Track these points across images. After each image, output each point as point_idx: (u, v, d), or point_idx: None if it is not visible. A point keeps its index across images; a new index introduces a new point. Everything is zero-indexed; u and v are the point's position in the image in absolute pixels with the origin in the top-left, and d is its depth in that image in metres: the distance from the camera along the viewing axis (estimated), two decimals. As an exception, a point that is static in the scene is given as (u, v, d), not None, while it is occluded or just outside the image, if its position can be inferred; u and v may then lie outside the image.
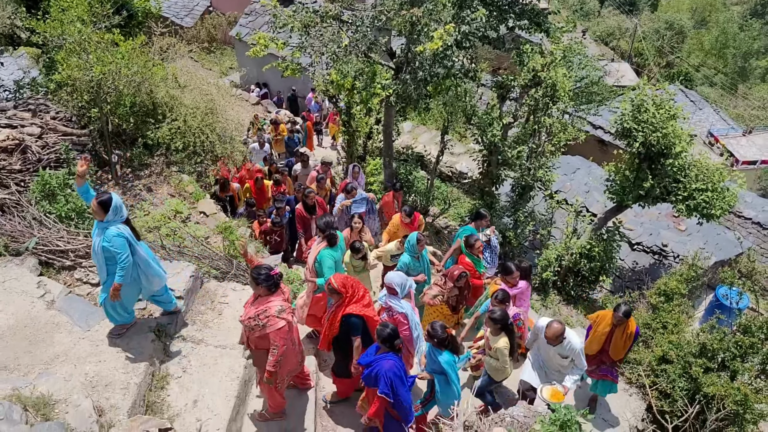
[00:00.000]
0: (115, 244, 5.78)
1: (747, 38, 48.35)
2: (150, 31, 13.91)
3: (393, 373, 5.56)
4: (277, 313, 5.59)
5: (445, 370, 6.16)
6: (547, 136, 12.34)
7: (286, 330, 5.66)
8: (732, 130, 30.40)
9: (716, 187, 10.50)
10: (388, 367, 5.58)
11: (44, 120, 10.19)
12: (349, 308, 6.28)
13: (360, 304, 6.35)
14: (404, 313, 6.75)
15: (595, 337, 7.52)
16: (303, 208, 10.23)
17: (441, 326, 6.15)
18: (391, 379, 5.55)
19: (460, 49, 10.90)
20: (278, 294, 5.78)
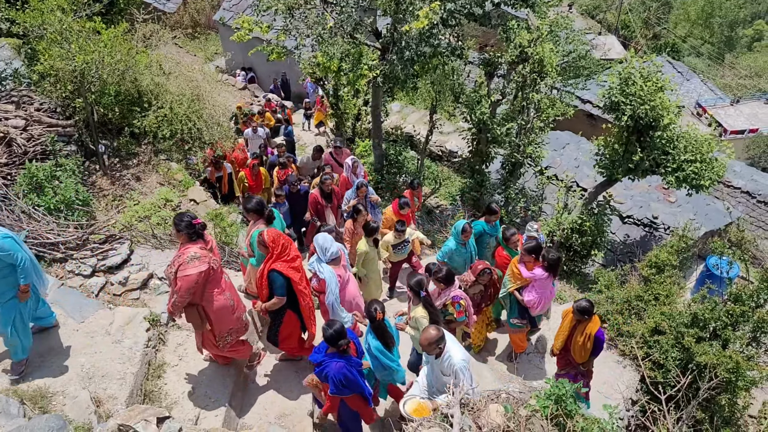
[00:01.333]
0: (5, 246, 5.48)
1: (733, 7, 48.23)
2: (132, 18, 13.72)
3: (342, 375, 5.47)
4: (189, 260, 5.51)
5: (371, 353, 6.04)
6: (535, 112, 12.33)
7: (194, 279, 5.53)
8: (720, 100, 30.46)
9: (705, 158, 10.53)
10: (336, 370, 5.48)
11: (28, 112, 10.07)
12: (274, 264, 6.14)
13: (287, 264, 6.19)
14: (324, 279, 6.62)
15: (560, 332, 7.19)
16: (319, 195, 9.88)
17: (374, 308, 5.91)
18: (340, 380, 5.48)
19: (446, 27, 10.82)
20: (198, 243, 5.70)
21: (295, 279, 6.22)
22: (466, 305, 7.10)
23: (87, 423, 5.39)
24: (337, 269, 6.87)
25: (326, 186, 9.82)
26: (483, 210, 9.34)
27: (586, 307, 6.74)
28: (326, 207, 9.92)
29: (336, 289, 6.68)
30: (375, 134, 13.04)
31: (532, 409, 4.78)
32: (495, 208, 9.03)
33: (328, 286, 6.62)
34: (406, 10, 9.89)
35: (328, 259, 6.79)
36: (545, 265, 7.42)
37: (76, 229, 8.08)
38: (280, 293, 6.16)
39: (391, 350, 6.03)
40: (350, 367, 5.56)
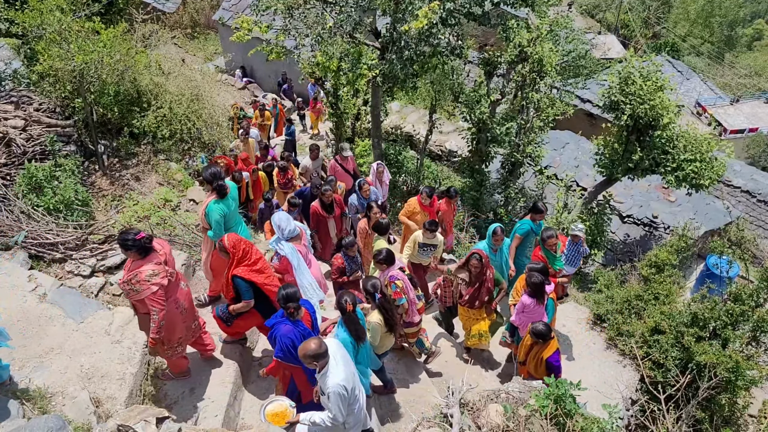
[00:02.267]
0: None
1: (733, 6, 48.24)
2: (131, 18, 13.72)
3: (288, 339, 5.45)
4: (148, 278, 5.42)
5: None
6: (535, 111, 12.32)
7: (162, 294, 5.48)
8: (719, 100, 30.48)
9: (704, 157, 10.54)
10: (284, 332, 5.49)
11: (28, 112, 10.06)
12: (235, 270, 6.06)
13: (249, 268, 6.09)
14: (285, 257, 6.56)
15: (523, 344, 7.04)
16: (320, 206, 9.41)
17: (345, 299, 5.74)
18: (285, 344, 5.46)
19: (446, 26, 10.81)
20: (152, 257, 5.58)
21: (259, 281, 6.14)
22: (403, 287, 6.91)
23: (86, 423, 5.38)
24: (297, 246, 6.80)
25: (326, 197, 9.36)
26: (529, 208, 9.12)
27: (541, 331, 6.52)
28: (328, 218, 9.53)
29: (301, 264, 6.64)
30: (374, 134, 13.03)
31: (531, 409, 4.78)
32: (540, 206, 8.76)
33: (290, 262, 6.58)
34: (405, 9, 9.89)
35: (288, 236, 6.74)
36: (528, 291, 7.08)
37: (76, 230, 8.08)
38: (247, 297, 6.13)
39: (360, 344, 5.88)
40: (298, 333, 5.54)
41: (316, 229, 9.52)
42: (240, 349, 6.94)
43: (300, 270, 6.71)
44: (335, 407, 4.73)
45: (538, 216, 8.71)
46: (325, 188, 9.44)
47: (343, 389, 4.72)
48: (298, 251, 6.82)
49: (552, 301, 7.29)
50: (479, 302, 7.61)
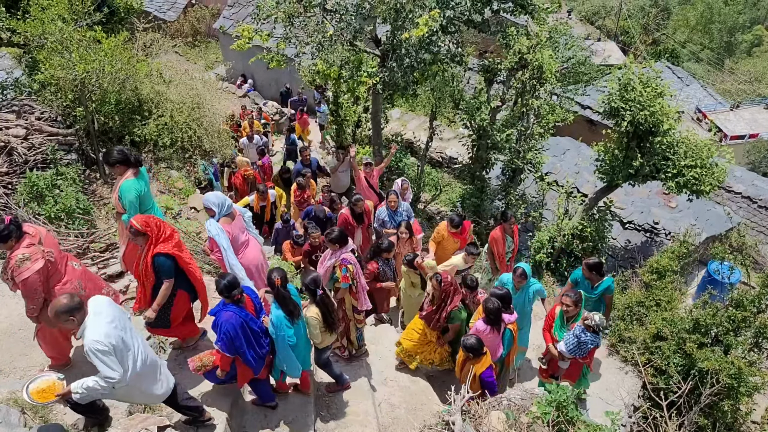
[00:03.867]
0: None
1: (732, 12, 48.41)
2: (132, 26, 13.77)
3: (231, 326, 5.40)
4: (19, 264, 5.24)
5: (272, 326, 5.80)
6: (535, 118, 12.35)
7: (34, 280, 5.27)
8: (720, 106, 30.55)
9: (705, 163, 10.54)
10: (226, 320, 5.42)
11: (29, 121, 10.09)
12: (157, 248, 5.73)
13: (167, 243, 5.79)
14: (211, 236, 6.42)
15: (458, 359, 6.82)
16: (350, 215, 9.32)
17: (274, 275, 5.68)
18: (228, 331, 5.40)
19: (446, 34, 10.85)
20: (23, 241, 5.35)
21: (180, 255, 5.88)
22: (354, 272, 6.79)
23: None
24: (227, 226, 6.61)
25: (358, 207, 9.29)
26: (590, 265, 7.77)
27: (471, 345, 6.21)
28: (356, 227, 9.43)
29: (227, 243, 6.45)
30: (375, 141, 13.06)
31: (533, 416, 4.77)
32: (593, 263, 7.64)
33: (216, 242, 6.42)
34: (405, 17, 9.93)
35: (219, 216, 6.56)
36: (483, 317, 6.67)
37: (77, 238, 8.10)
38: (168, 276, 5.81)
39: (294, 320, 5.83)
40: (241, 319, 5.51)
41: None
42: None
43: (229, 253, 6.48)
44: (101, 365, 4.43)
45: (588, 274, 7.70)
46: (356, 197, 9.35)
47: (100, 344, 4.40)
48: (228, 232, 6.56)
49: (510, 332, 6.84)
50: (434, 324, 7.25)
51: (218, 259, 6.60)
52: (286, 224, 10.40)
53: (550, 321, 7.17)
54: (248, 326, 5.60)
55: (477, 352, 6.21)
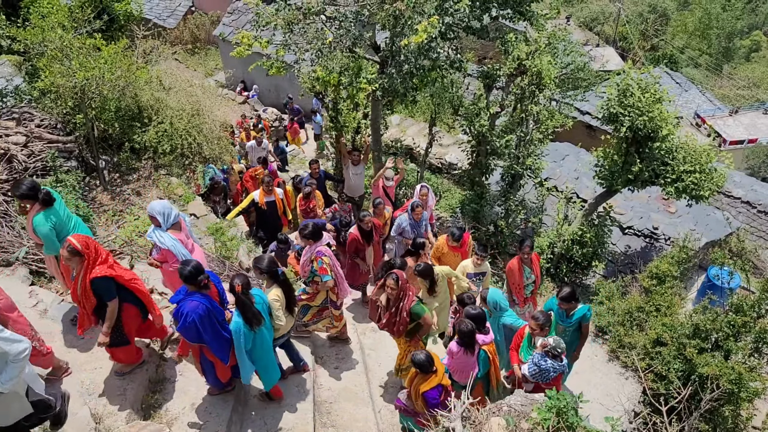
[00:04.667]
0: None
1: (730, 18, 48.57)
2: (132, 34, 13.82)
3: (197, 315, 5.39)
4: None
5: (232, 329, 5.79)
6: (534, 123, 12.36)
7: None
8: (718, 111, 30.61)
9: (704, 169, 10.56)
10: (192, 309, 5.40)
11: (29, 128, 10.10)
12: (94, 271, 5.60)
13: (105, 265, 5.68)
14: (166, 248, 6.34)
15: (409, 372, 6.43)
16: (359, 233, 8.64)
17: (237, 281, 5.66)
18: (194, 319, 5.39)
19: (445, 40, 10.87)
20: None
21: (118, 275, 5.77)
22: (330, 263, 6.86)
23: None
24: (177, 235, 6.54)
25: (365, 224, 8.60)
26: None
27: (419, 362, 5.89)
28: (367, 247, 8.77)
29: (185, 252, 6.42)
30: (374, 147, 13.07)
31: (533, 422, 4.76)
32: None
33: (173, 252, 6.34)
34: (404, 24, 9.95)
35: (167, 226, 6.47)
36: (458, 340, 6.40)
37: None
38: (111, 297, 5.71)
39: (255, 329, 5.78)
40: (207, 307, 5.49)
41: (356, 255, 8.88)
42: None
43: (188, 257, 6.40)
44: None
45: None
46: (363, 214, 8.72)
47: None
48: (180, 240, 6.51)
49: (485, 352, 6.51)
50: (397, 330, 6.85)
51: (172, 273, 6.39)
52: (283, 245, 9.56)
53: (518, 341, 6.92)
54: (214, 316, 5.59)
55: (424, 368, 5.90)
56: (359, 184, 11.94)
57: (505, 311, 7.30)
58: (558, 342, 6.19)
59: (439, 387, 5.97)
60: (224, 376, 6.18)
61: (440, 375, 6.00)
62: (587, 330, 7.25)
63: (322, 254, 6.87)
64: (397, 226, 9.46)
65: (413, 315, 6.72)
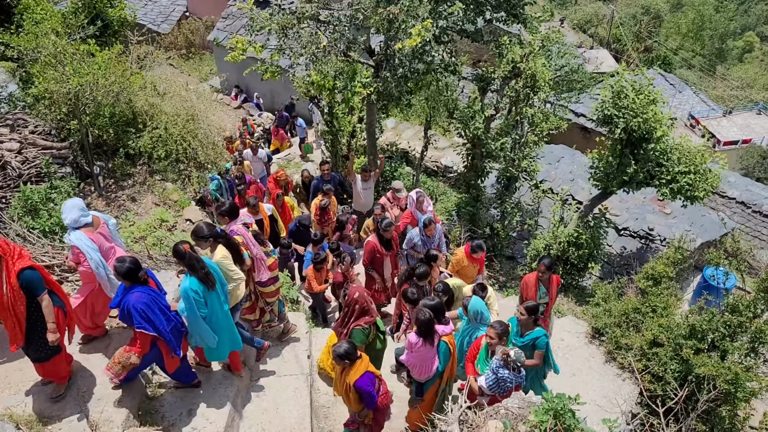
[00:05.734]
0: None
1: (723, 19, 48.83)
2: (126, 39, 13.80)
3: (142, 303, 5.36)
4: None
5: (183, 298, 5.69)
6: (529, 126, 12.38)
7: None
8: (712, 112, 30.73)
9: (699, 170, 10.58)
10: (135, 299, 5.35)
11: (23, 135, 10.09)
12: (18, 264, 5.23)
13: (27, 258, 5.36)
14: (75, 246, 6.04)
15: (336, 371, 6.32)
16: (378, 242, 8.53)
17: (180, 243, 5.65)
18: (142, 309, 5.36)
19: (439, 43, 10.90)
20: None
21: (39, 266, 5.51)
22: (244, 242, 6.70)
23: (83, 447, 5.34)
24: (91, 234, 6.20)
25: (387, 233, 8.47)
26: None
27: (344, 352, 5.69)
28: (385, 255, 8.65)
29: (96, 254, 6.09)
30: (370, 151, 13.08)
31: (530, 425, 4.76)
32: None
33: (83, 252, 6.03)
34: (398, 28, 9.97)
35: (78, 225, 6.16)
36: (416, 330, 6.20)
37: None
38: (42, 290, 5.37)
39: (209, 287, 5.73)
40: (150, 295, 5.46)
41: (371, 267, 8.74)
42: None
43: (96, 261, 6.10)
44: None
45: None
46: (386, 222, 8.53)
47: None
48: (92, 240, 6.19)
49: (445, 344, 6.34)
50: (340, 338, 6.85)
51: (85, 273, 6.21)
52: (285, 250, 9.39)
53: (474, 352, 6.60)
54: (158, 302, 5.56)
55: (347, 357, 5.69)
56: (369, 200, 11.50)
57: (484, 324, 6.92)
58: (519, 355, 5.92)
59: (370, 374, 5.79)
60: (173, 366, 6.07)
61: (366, 362, 5.82)
62: (539, 358, 6.85)
63: (235, 233, 6.66)
64: (408, 240, 9.10)
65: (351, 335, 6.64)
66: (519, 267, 13.15)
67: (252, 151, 13.84)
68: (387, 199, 10.57)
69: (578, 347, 8.96)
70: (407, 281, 7.88)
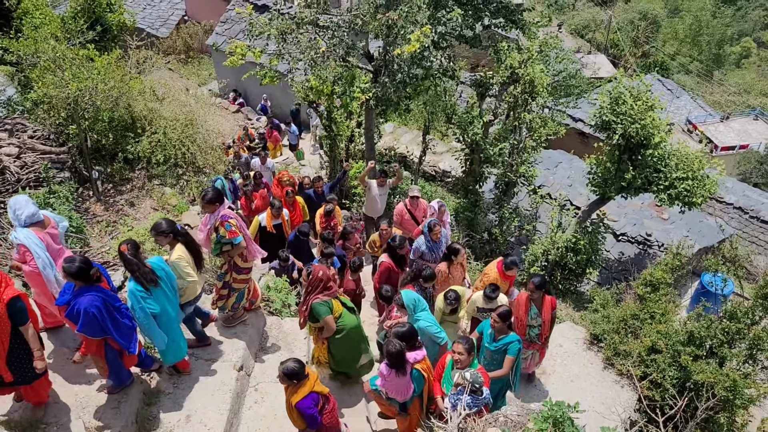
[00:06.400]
0: None
1: (720, 25, 49.06)
2: (125, 44, 13.81)
3: (95, 308, 5.29)
4: None
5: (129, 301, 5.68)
6: (527, 131, 12.41)
7: None
8: (710, 117, 30.84)
9: (696, 175, 10.62)
10: (88, 304, 5.27)
11: (22, 139, 10.08)
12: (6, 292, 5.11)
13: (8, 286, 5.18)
14: (22, 245, 5.86)
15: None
16: (392, 260, 8.33)
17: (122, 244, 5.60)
18: (93, 314, 5.28)
19: (438, 49, 10.93)
20: None
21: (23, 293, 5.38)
22: (237, 225, 6.57)
23: (81, 454, 5.33)
24: (39, 233, 6.02)
25: (403, 250, 8.33)
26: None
27: (290, 371, 5.48)
28: (401, 273, 8.43)
29: (43, 252, 5.91)
30: (368, 156, 13.09)
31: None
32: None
33: (30, 250, 5.85)
34: (397, 33, 9.99)
35: (25, 223, 5.98)
36: (387, 362, 5.98)
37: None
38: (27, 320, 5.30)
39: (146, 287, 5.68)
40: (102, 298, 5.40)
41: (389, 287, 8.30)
42: (236, 375, 6.89)
43: (44, 260, 5.93)
44: None
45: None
46: (400, 238, 8.34)
47: None
48: (40, 238, 6.00)
49: (418, 371, 6.13)
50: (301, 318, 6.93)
51: (30, 273, 5.99)
52: (284, 263, 9.16)
53: (440, 371, 6.38)
54: (111, 305, 5.51)
55: (296, 376, 5.50)
56: (381, 206, 11.19)
57: (419, 313, 6.93)
58: (475, 377, 5.60)
59: (314, 395, 5.63)
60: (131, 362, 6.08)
61: (312, 381, 5.65)
62: (509, 363, 6.66)
63: (227, 217, 6.53)
64: (415, 250, 8.77)
65: (312, 312, 6.55)
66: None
67: (261, 160, 13.72)
68: (405, 205, 10.16)
69: (576, 353, 8.96)
70: (412, 282, 7.81)
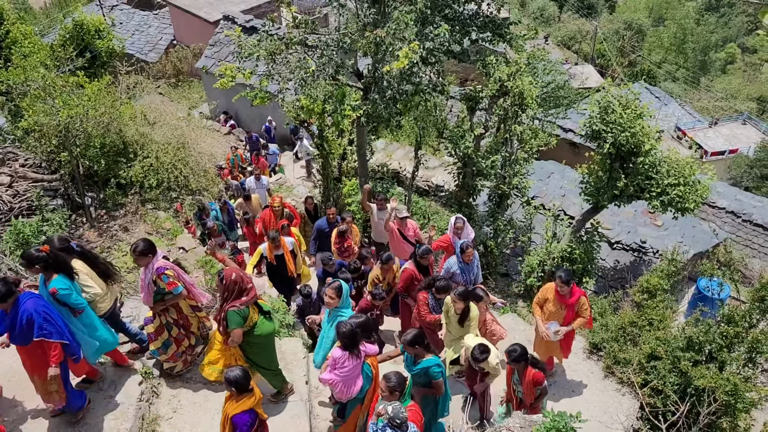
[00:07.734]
0: None
1: (704, 32, 49.66)
2: (115, 70, 13.85)
3: (43, 306, 5.34)
4: None
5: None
6: (518, 143, 12.46)
7: None
8: (698, 123, 31.13)
9: (688, 181, 10.67)
10: (34, 304, 5.27)
11: (13, 168, 10.07)
12: None
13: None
14: None
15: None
16: (416, 269, 8.31)
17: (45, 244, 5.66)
18: (44, 312, 5.32)
19: (426, 65, 10.99)
20: None
21: None
22: (174, 275, 6.35)
23: (81, 483, 5.27)
24: None
25: (425, 260, 8.31)
26: None
27: (235, 379, 5.29)
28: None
29: None
30: (361, 173, 13.11)
31: (533, 445, 4.74)
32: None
33: None
34: (386, 51, 10.05)
35: None
36: (339, 344, 5.89)
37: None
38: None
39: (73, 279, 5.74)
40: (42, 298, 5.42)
41: (406, 294, 8.42)
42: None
43: None
44: None
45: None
46: (424, 249, 8.35)
47: None
48: None
49: (368, 365, 6.04)
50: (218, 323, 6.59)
51: None
52: (307, 299, 8.55)
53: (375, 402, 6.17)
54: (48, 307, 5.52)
55: (240, 387, 5.30)
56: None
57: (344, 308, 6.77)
58: (397, 411, 5.12)
59: (252, 413, 5.38)
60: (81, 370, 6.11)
61: (256, 398, 5.43)
62: (438, 386, 6.24)
63: (163, 269, 6.29)
64: (446, 271, 8.51)
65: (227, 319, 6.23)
66: (513, 284, 13.15)
67: (255, 177, 13.59)
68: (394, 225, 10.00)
69: (577, 363, 8.94)
70: (426, 289, 7.73)
